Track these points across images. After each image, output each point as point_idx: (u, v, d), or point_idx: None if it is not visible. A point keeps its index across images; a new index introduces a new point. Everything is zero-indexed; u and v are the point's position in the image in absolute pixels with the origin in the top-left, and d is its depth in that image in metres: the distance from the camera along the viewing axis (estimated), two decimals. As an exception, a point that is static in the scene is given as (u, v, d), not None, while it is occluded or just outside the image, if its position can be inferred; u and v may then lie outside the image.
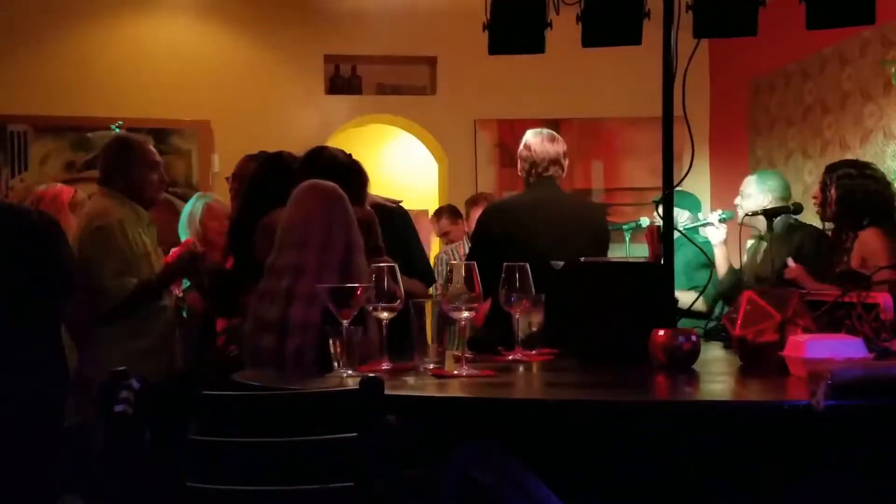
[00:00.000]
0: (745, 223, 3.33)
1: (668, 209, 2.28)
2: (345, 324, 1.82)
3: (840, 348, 1.67)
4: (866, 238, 2.93)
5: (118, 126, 4.58)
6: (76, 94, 5.07)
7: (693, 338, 1.88)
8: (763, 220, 3.18)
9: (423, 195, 6.40)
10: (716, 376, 1.91)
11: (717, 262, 3.38)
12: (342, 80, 5.62)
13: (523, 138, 2.99)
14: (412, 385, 1.72)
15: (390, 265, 1.90)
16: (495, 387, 1.77)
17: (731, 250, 3.44)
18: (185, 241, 3.14)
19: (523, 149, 2.96)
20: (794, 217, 3.27)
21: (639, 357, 1.91)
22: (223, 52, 5.37)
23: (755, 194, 3.41)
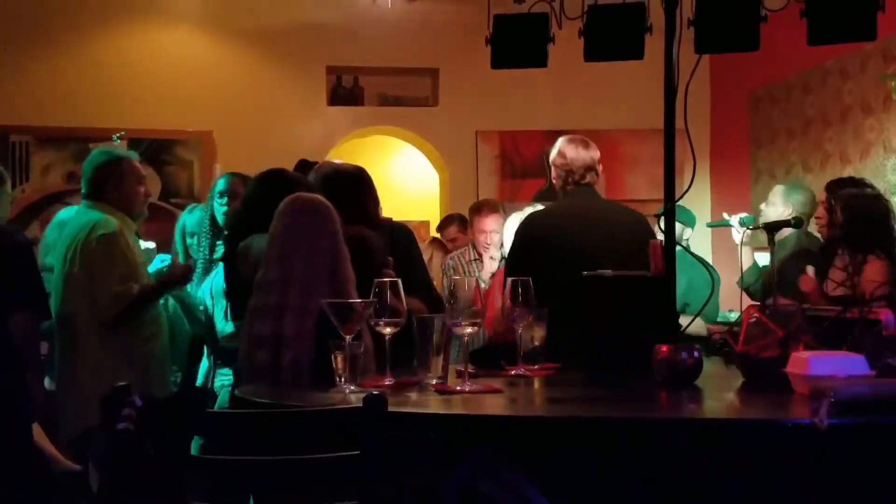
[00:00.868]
0: (749, 228, 3.41)
1: (670, 223, 2.29)
2: (348, 339, 1.82)
3: (843, 365, 1.67)
4: (875, 270, 2.94)
5: (119, 137, 4.59)
6: (78, 105, 5.08)
7: (696, 353, 1.88)
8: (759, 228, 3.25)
9: (425, 207, 6.40)
10: (718, 392, 1.91)
11: (742, 261, 3.44)
12: (344, 91, 5.63)
13: (556, 146, 2.91)
14: (415, 401, 1.72)
15: (393, 280, 1.90)
16: (499, 403, 1.76)
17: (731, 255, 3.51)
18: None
19: (557, 156, 2.87)
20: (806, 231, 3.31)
21: (641, 370, 1.91)
22: (226, 63, 5.38)
23: (777, 204, 3.52)
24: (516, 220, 3.40)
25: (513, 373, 2.07)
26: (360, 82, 5.64)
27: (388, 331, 1.88)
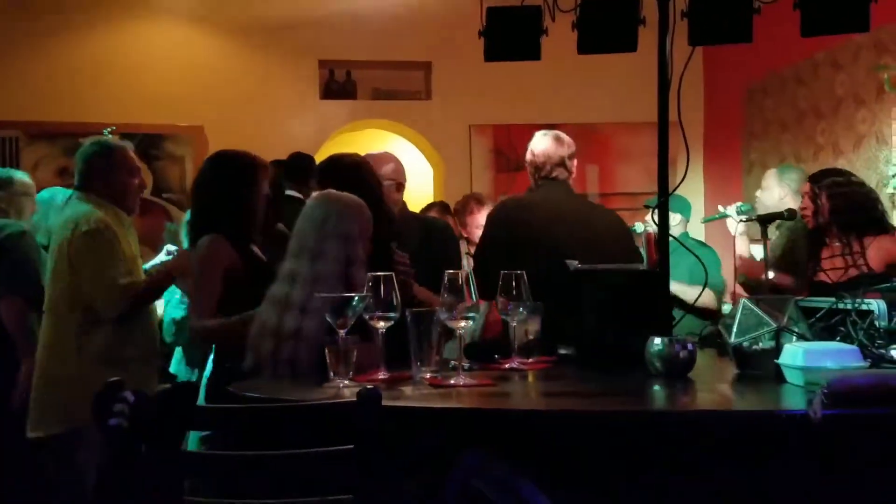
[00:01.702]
0: (743, 220, 3.44)
1: (664, 216, 2.29)
2: (341, 333, 1.82)
3: (836, 356, 1.68)
4: (886, 244, 2.97)
5: (110, 132, 4.57)
6: (68, 100, 5.04)
7: (689, 346, 1.88)
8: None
9: (418, 200, 6.38)
10: (712, 384, 1.91)
11: (737, 252, 3.47)
12: (337, 84, 5.61)
13: (531, 141, 2.94)
14: (409, 395, 1.72)
15: (387, 274, 1.90)
16: (493, 397, 1.76)
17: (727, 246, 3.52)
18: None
19: (528, 151, 2.92)
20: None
21: (635, 363, 1.92)
22: (217, 57, 5.35)
23: (773, 187, 3.57)
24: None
25: (507, 366, 2.06)
26: (352, 76, 5.62)
27: (381, 325, 1.87)
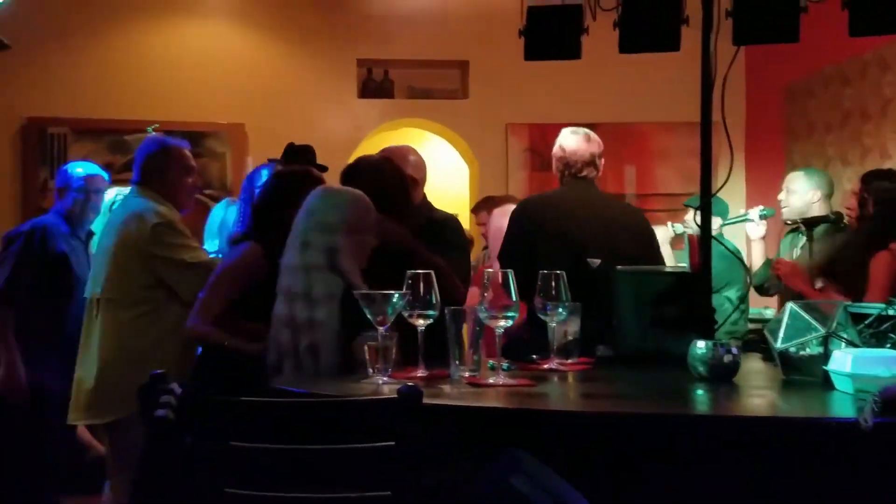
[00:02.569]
0: (788, 223, 3.38)
1: (706, 218, 2.25)
2: (381, 330, 1.82)
3: (888, 363, 1.64)
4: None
5: (154, 129, 4.64)
6: (114, 98, 5.14)
7: (734, 350, 1.85)
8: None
9: (454, 199, 6.38)
10: (757, 390, 1.87)
11: (753, 257, 3.42)
12: (374, 83, 5.63)
13: (559, 137, 2.91)
14: (449, 394, 1.72)
15: (426, 272, 1.90)
16: (532, 397, 1.75)
17: (771, 247, 3.45)
18: None
19: (557, 148, 2.88)
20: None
21: (676, 366, 1.89)
22: (257, 55, 5.41)
23: (801, 191, 3.48)
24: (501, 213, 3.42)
25: (545, 367, 2.05)
26: (389, 75, 5.64)
27: (420, 323, 1.87)
